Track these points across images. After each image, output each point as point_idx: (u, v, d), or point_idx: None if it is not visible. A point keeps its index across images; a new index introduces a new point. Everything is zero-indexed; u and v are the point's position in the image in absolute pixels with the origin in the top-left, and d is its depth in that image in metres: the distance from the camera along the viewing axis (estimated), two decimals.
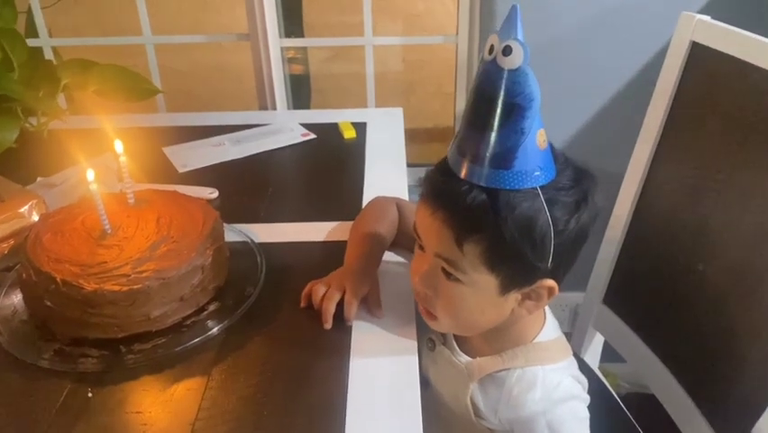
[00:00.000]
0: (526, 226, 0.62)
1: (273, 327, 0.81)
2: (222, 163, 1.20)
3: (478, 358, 0.76)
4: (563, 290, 0.74)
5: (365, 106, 1.60)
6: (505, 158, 0.61)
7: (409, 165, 1.20)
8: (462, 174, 0.64)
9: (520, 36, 0.58)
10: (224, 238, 0.87)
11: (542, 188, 0.63)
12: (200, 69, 2.78)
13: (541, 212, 0.62)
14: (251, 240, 0.94)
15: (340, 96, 2.41)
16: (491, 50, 0.60)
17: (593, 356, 1.25)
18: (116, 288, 0.74)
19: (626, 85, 1.45)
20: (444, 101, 3.28)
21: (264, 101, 1.52)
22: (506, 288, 0.68)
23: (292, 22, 1.95)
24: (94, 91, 1.19)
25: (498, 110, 0.60)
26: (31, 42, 1.55)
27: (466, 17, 1.47)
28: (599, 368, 1.26)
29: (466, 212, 0.63)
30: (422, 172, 1.53)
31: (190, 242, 0.80)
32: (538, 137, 0.62)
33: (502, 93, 0.60)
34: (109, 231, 0.80)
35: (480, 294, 0.68)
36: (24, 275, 0.78)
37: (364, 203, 1.05)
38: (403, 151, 1.25)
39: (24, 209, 0.90)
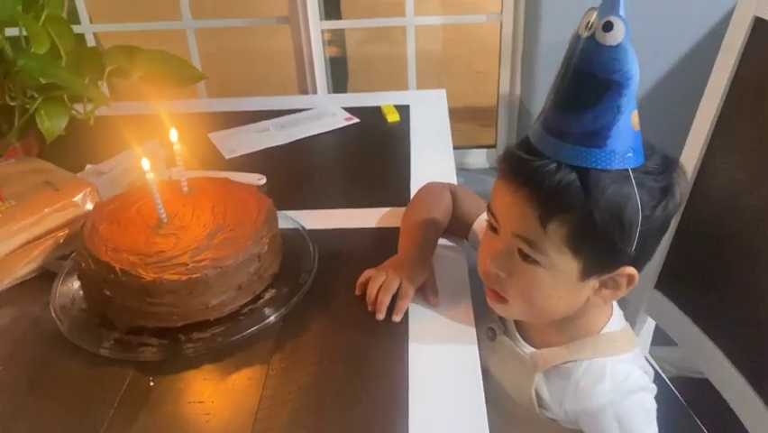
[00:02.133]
0: (617, 209, 0.60)
1: (329, 313, 0.80)
2: (268, 149, 1.20)
3: (543, 349, 0.75)
4: None
5: (401, 88, 1.57)
6: (598, 136, 0.59)
7: (456, 147, 1.18)
8: (550, 152, 0.62)
9: (622, 12, 0.56)
10: (277, 226, 0.87)
11: (632, 170, 0.61)
12: (231, 53, 2.77)
13: (631, 195, 0.60)
14: (302, 227, 0.93)
15: (376, 78, 2.39)
16: (588, 26, 0.58)
17: (644, 341, 1.23)
18: (175, 277, 0.74)
19: (681, 61, 1.41)
20: (476, 81, 3.23)
21: (305, 85, 1.51)
22: (586, 273, 0.66)
23: (330, 3, 1.93)
24: (139, 77, 1.19)
25: (595, 87, 0.58)
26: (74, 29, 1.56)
27: None
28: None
29: (553, 190, 0.61)
30: (464, 155, 1.52)
31: (246, 230, 0.80)
32: (633, 117, 0.60)
33: (600, 69, 0.58)
34: (165, 220, 0.80)
35: (558, 278, 0.66)
36: (83, 264, 0.79)
37: (412, 188, 1.04)
38: (448, 133, 1.23)
39: (78, 198, 0.91)
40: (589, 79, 0.58)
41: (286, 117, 1.30)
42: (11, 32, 1.11)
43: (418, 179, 1.06)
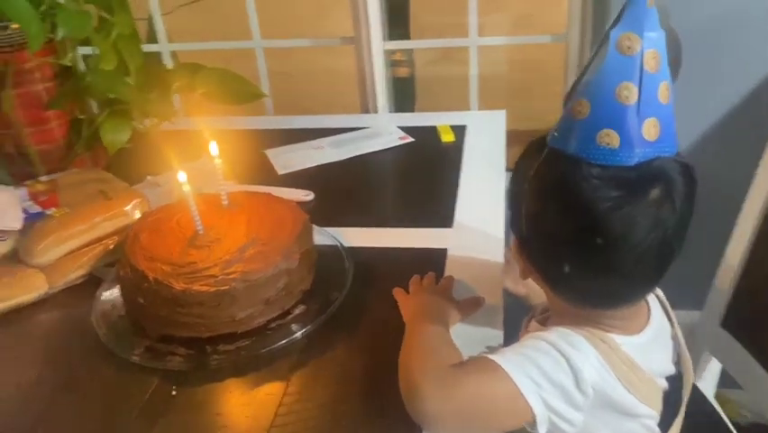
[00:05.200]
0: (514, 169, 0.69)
1: (356, 334, 0.79)
2: (319, 166, 1.21)
3: None
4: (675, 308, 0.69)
5: (468, 109, 1.55)
6: None
7: (509, 170, 1.15)
8: None
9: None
10: (312, 242, 0.87)
11: (551, 149, 0.63)
12: (304, 71, 2.81)
13: (521, 162, 0.68)
14: (341, 244, 0.93)
15: (446, 98, 2.37)
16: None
17: (709, 383, 1.15)
18: (204, 288, 0.75)
19: (759, 86, 1.32)
20: (553, 102, 3.15)
21: (366, 104, 1.52)
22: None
23: (399, 24, 1.94)
24: (201, 94, 1.23)
25: None
26: (151, 47, 1.64)
27: (577, 14, 1.40)
28: (717, 395, 1.16)
29: None
30: None
31: (278, 245, 0.80)
32: (575, 105, 0.61)
33: None
34: (201, 232, 0.82)
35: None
36: (121, 272, 0.81)
37: (457, 209, 1.02)
38: (503, 155, 1.20)
39: (128, 208, 0.94)
40: None
41: (341, 135, 1.31)
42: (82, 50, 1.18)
43: (465, 201, 1.04)
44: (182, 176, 0.79)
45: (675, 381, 0.77)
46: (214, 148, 0.87)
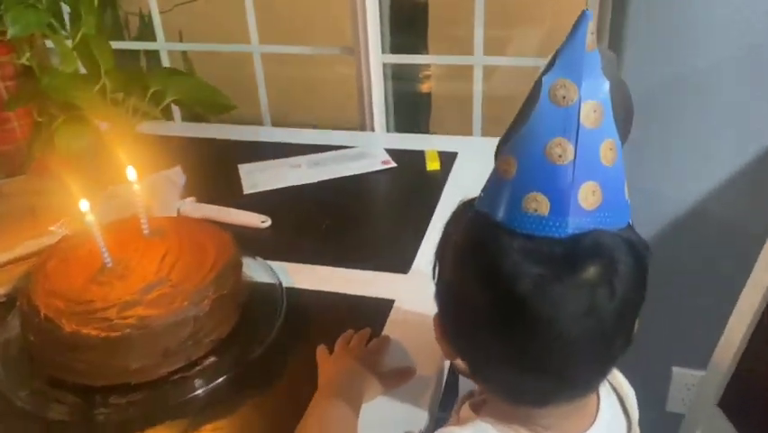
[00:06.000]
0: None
1: (268, 395, 0.70)
2: (289, 187, 1.11)
3: None
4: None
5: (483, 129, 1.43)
6: None
7: None
8: None
9: None
10: (238, 283, 0.77)
11: (477, 212, 0.53)
12: (302, 82, 2.66)
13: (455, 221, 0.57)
14: (280, 283, 0.84)
15: (463, 117, 2.26)
16: None
17: None
18: (95, 332, 0.67)
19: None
20: None
21: (364, 119, 1.42)
22: None
23: (416, 36, 1.83)
24: (172, 101, 1.16)
25: None
26: (150, 46, 1.59)
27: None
28: None
29: None
30: None
31: (188, 287, 0.71)
32: (501, 163, 0.51)
33: None
34: (110, 265, 0.74)
35: None
36: (19, 302, 0.74)
37: (420, 253, 0.91)
38: None
39: (54, 227, 0.87)
40: None
41: (322, 154, 1.21)
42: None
43: (431, 244, 0.93)
44: (85, 205, 0.71)
45: None
46: (131, 173, 0.78)
